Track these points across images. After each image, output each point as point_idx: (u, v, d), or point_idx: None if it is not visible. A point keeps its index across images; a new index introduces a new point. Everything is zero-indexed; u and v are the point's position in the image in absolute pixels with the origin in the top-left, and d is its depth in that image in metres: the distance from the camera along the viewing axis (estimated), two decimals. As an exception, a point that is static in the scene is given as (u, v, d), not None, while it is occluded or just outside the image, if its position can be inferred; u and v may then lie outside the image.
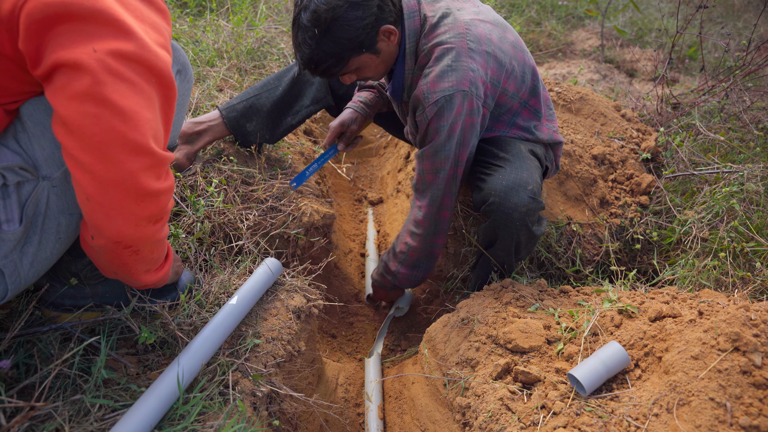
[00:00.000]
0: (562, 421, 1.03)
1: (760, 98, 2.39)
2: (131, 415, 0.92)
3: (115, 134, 0.75)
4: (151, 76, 0.79)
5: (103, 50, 0.73)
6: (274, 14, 3.33)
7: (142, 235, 0.85)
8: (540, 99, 1.60)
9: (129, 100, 0.76)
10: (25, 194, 0.89)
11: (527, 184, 1.45)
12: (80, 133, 0.74)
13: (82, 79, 0.72)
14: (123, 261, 0.90)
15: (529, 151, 1.56)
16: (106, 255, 0.89)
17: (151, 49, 0.78)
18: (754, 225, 1.62)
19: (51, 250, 0.96)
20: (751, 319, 1.03)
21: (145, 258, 0.92)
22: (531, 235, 1.53)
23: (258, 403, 1.12)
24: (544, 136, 1.61)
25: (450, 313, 1.48)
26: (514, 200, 1.44)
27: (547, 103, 1.65)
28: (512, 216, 1.45)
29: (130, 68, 0.76)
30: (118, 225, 0.80)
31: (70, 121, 0.74)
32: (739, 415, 0.91)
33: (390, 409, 1.59)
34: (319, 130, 2.56)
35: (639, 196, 1.95)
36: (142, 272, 0.96)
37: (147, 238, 0.87)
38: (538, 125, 1.61)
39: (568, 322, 1.28)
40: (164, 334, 1.18)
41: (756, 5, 4.74)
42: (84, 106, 0.73)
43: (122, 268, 0.92)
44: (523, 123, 1.60)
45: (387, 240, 2.36)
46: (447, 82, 1.36)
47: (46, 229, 0.94)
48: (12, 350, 1.03)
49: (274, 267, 1.40)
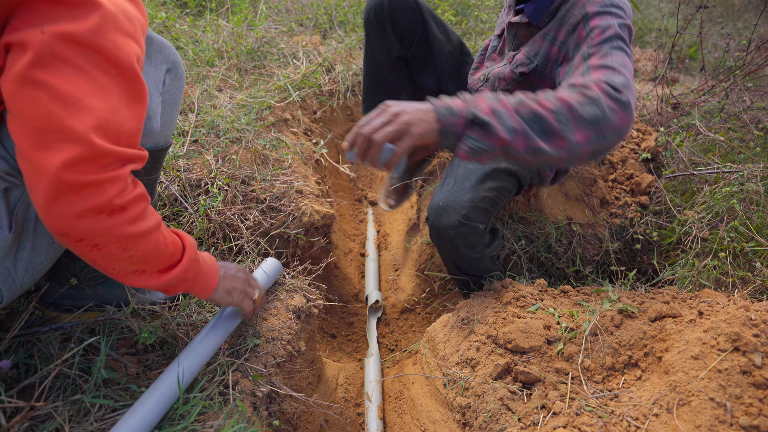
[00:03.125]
0: (562, 421, 1.03)
1: (760, 98, 2.39)
2: (131, 416, 0.91)
3: (51, 119, 0.69)
4: (108, 65, 0.74)
5: (52, 32, 0.69)
6: (274, 14, 3.33)
7: (93, 228, 0.76)
8: None
9: (71, 85, 0.70)
10: (14, 200, 0.86)
11: (461, 208, 1.38)
12: (19, 116, 0.70)
13: (23, 59, 0.68)
14: (91, 257, 0.81)
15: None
16: (74, 250, 0.80)
17: (109, 37, 0.73)
18: (754, 225, 1.62)
19: (45, 254, 0.94)
20: (751, 319, 1.03)
21: (117, 256, 0.81)
22: (466, 258, 1.49)
23: (258, 403, 1.12)
24: None
25: (450, 313, 1.48)
26: (443, 221, 1.39)
27: None
28: (441, 237, 1.42)
29: (79, 53, 0.71)
30: (54, 215, 0.73)
31: (10, 105, 0.70)
32: (739, 415, 0.91)
33: (390, 409, 1.59)
34: (319, 130, 2.56)
35: (639, 196, 1.95)
36: (129, 273, 0.86)
37: (103, 232, 0.77)
38: None
39: (568, 322, 1.28)
40: (164, 334, 1.18)
41: (756, 5, 4.74)
42: (23, 88, 0.69)
43: (99, 267, 0.84)
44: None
45: (387, 240, 2.36)
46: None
47: (39, 234, 0.92)
48: (12, 350, 1.03)
49: (274, 267, 1.40)
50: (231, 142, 1.87)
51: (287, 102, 2.37)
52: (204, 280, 1.00)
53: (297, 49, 2.79)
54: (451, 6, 3.19)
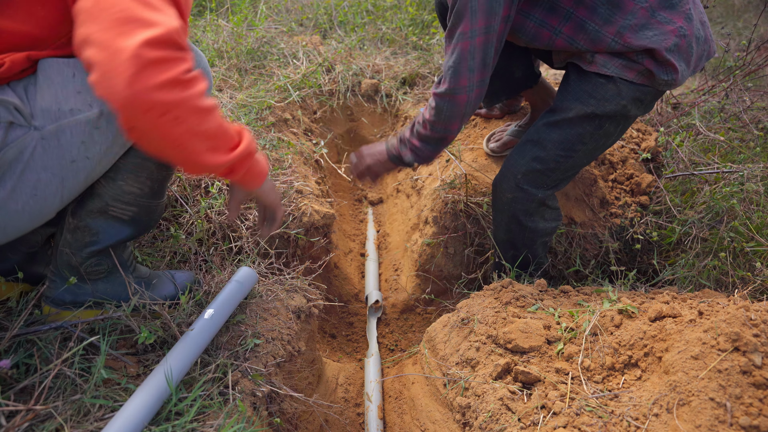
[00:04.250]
0: (562, 421, 1.03)
1: (760, 98, 2.39)
2: (118, 417, 0.91)
3: (131, 12, 0.80)
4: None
5: None
6: (274, 14, 3.34)
7: (173, 99, 0.81)
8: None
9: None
10: (12, 137, 0.89)
11: (517, 172, 1.45)
12: (100, 16, 0.79)
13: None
14: (172, 135, 0.84)
15: (585, 116, 1.38)
16: (152, 134, 0.84)
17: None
18: (754, 225, 1.62)
19: (23, 205, 0.94)
20: (751, 319, 1.03)
21: (194, 130, 0.86)
22: (522, 227, 1.53)
23: (258, 403, 1.12)
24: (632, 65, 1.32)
25: (450, 313, 1.48)
26: (503, 186, 1.49)
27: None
28: (499, 201, 1.51)
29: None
30: (138, 90, 0.79)
31: (91, 10, 0.80)
32: (739, 415, 0.91)
33: (390, 409, 1.58)
34: (319, 130, 2.56)
35: (639, 196, 1.95)
36: (204, 150, 0.89)
37: (181, 102, 0.82)
38: (624, 32, 1.28)
39: (568, 322, 1.28)
40: (164, 334, 1.18)
41: (756, 5, 4.74)
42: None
43: (178, 146, 0.86)
44: (590, 25, 1.30)
45: (387, 240, 2.36)
46: None
47: (24, 180, 0.92)
48: (12, 350, 1.03)
49: (249, 277, 1.36)
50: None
51: (287, 102, 2.37)
52: (259, 165, 1.05)
53: (297, 49, 2.79)
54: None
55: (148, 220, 1.19)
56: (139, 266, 1.27)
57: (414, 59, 2.88)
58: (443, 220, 1.89)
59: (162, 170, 1.12)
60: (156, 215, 1.20)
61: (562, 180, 1.52)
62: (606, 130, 1.42)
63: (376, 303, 1.95)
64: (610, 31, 1.29)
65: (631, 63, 1.31)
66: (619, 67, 1.32)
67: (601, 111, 1.37)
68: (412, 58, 2.90)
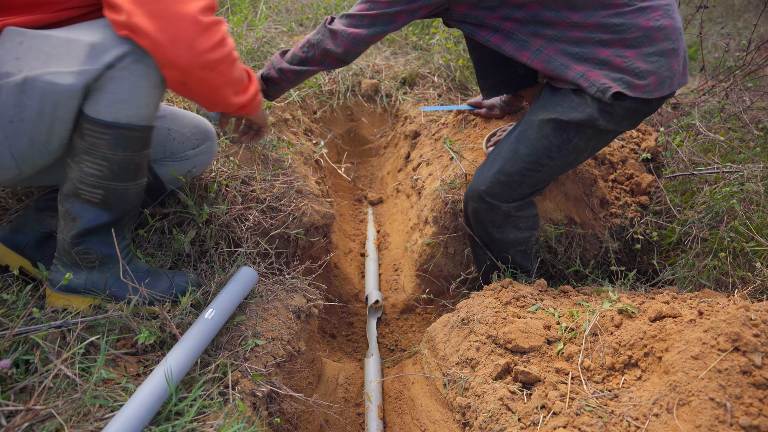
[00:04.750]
0: (562, 421, 1.03)
1: (760, 98, 2.39)
2: (118, 417, 0.91)
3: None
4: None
5: None
6: (274, 14, 3.33)
7: (221, 56, 1.03)
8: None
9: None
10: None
11: (482, 183, 1.48)
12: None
13: None
14: (214, 85, 1.07)
15: (550, 123, 1.41)
16: (198, 86, 1.07)
17: None
18: (754, 225, 1.62)
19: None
20: (751, 319, 1.03)
21: (230, 78, 1.09)
22: (491, 238, 1.56)
23: (258, 403, 1.12)
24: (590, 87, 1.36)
25: (450, 313, 1.48)
26: (468, 195, 1.54)
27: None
28: (467, 212, 1.56)
29: None
30: (198, 51, 1.00)
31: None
32: (739, 415, 0.91)
33: (390, 409, 1.59)
34: (319, 130, 2.56)
35: (639, 196, 1.95)
36: (232, 94, 1.14)
37: (224, 59, 1.05)
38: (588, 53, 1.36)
39: (568, 322, 1.28)
40: (163, 334, 1.18)
41: (756, 5, 4.74)
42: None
43: (216, 93, 1.10)
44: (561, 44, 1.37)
45: (387, 240, 2.36)
46: None
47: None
48: (12, 349, 1.03)
49: (250, 277, 1.38)
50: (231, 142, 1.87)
51: (287, 102, 2.37)
52: (260, 97, 1.29)
53: (297, 49, 2.79)
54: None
55: (122, 204, 1.18)
56: (137, 260, 1.28)
57: (414, 59, 2.88)
58: (443, 220, 1.89)
59: (116, 151, 1.10)
60: (129, 199, 1.19)
61: (531, 193, 1.53)
62: (575, 145, 1.43)
63: (376, 303, 1.95)
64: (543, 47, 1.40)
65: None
66: (582, 82, 1.36)
67: (567, 117, 1.38)
68: (412, 58, 2.90)
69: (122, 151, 1.10)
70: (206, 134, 1.45)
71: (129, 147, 1.11)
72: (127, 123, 1.07)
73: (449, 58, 2.73)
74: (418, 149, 2.39)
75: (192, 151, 1.43)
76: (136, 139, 1.11)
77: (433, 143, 2.29)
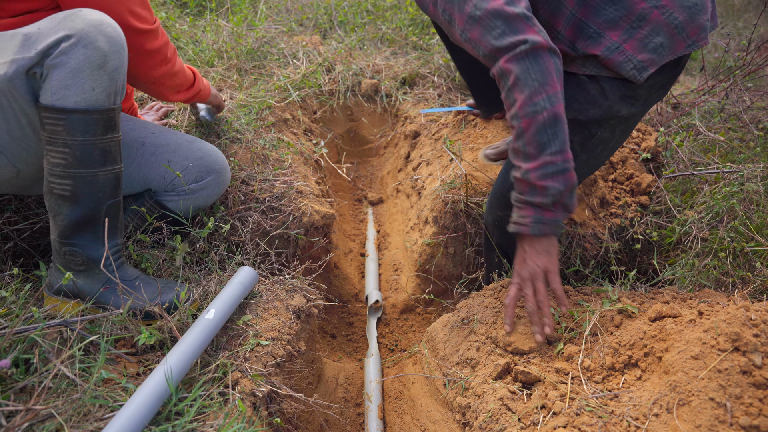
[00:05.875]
0: (562, 421, 1.03)
1: (760, 98, 2.39)
2: (118, 417, 0.91)
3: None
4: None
5: None
6: (274, 14, 3.33)
7: (168, 54, 1.35)
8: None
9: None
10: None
11: (507, 190, 1.32)
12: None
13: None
14: (166, 71, 1.37)
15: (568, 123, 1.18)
16: (160, 70, 1.35)
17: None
18: (754, 225, 1.62)
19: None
20: (751, 319, 1.03)
21: (173, 73, 1.40)
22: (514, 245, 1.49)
23: (258, 403, 1.12)
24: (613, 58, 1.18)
25: (450, 313, 1.48)
26: (493, 203, 1.49)
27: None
28: (489, 220, 1.52)
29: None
30: (154, 50, 1.30)
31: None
32: (739, 415, 0.91)
33: (390, 409, 1.59)
34: (319, 130, 2.56)
35: (639, 196, 1.95)
36: (175, 93, 1.47)
37: (171, 57, 1.37)
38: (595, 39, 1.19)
39: (568, 322, 1.28)
40: (161, 336, 1.18)
41: (756, 5, 4.74)
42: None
43: (167, 79, 1.39)
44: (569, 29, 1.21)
45: (387, 240, 2.36)
46: None
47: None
48: (12, 349, 1.03)
49: (250, 277, 1.38)
50: (231, 142, 1.87)
51: (287, 102, 2.37)
52: (206, 88, 1.62)
53: (297, 49, 2.79)
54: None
55: (93, 193, 1.16)
56: (127, 267, 1.27)
57: (414, 59, 2.88)
58: (443, 220, 1.89)
59: (75, 136, 1.11)
60: (99, 187, 1.17)
61: None
62: (600, 138, 1.30)
63: (376, 303, 1.95)
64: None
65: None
66: (597, 66, 1.22)
67: (585, 116, 1.26)
68: (412, 58, 2.90)
69: (81, 135, 1.11)
70: (210, 168, 1.43)
71: (87, 131, 1.11)
72: (74, 107, 1.09)
73: (449, 58, 2.73)
74: (418, 149, 2.39)
75: (196, 184, 1.42)
76: (92, 122, 1.12)
77: (433, 143, 2.29)
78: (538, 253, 1.18)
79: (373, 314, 1.96)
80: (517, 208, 1.20)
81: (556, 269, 1.20)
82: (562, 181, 1.13)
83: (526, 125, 1.10)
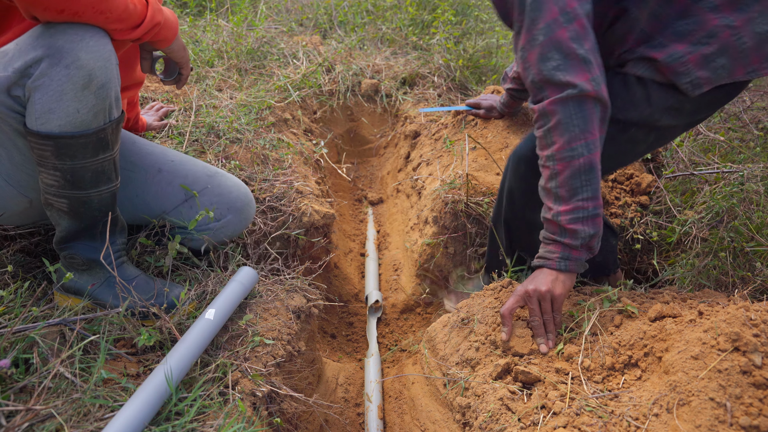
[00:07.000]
0: (562, 421, 1.03)
1: (760, 98, 2.39)
2: (117, 417, 0.91)
3: None
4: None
5: None
6: (274, 14, 3.34)
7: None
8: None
9: None
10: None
11: (529, 149, 1.30)
12: None
13: None
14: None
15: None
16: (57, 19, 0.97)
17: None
18: (754, 225, 1.62)
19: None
20: (751, 319, 1.03)
21: (95, 19, 0.99)
22: (521, 218, 1.44)
23: (258, 403, 1.12)
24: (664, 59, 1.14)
25: (450, 313, 1.48)
26: (518, 157, 1.38)
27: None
28: (506, 180, 1.45)
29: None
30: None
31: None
32: (739, 415, 0.91)
33: (390, 409, 1.59)
34: (319, 130, 2.56)
35: (639, 196, 1.95)
36: (114, 30, 1.04)
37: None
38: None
39: (568, 322, 1.28)
40: (160, 336, 1.18)
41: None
42: None
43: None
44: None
45: (387, 240, 2.36)
46: None
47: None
48: (11, 348, 1.03)
49: (250, 277, 1.38)
50: (231, 142, 1.87)
51: (287, 102, 2.37)
52: (168, 28, 1.15)
53: (297, 49, 2.79)
54: (451, 6, 3.19)
55: (90, 212, 1.16)
56: (128, 266, 1.28)
57: (414, 59, 2.88)
58: (443, 220, 1.89)
59: (64, 161, 1.06)
60: (95, 206, 1.16)
61: None
62: (632, 135, 1.26)
63: (376, 303, 1.95)
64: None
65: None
66: (650, 69, 1.18)
67: (623, 116, 1.22)
68: (412, 58, 2.90)
69: (70, 160, 1.06)
70: (230, 206, 1.38)
71: (76, 155, 1.06)
72: (60, 132, 1.02)
73: (449, 58, 2.73)
74: (418, 149, 2.39)
75: (215, 224, 1.38)
76: (80, 146, 1.05)
77: (433, 143, 2.29)
78: (554, 281, 1.21)
79: (373, 314, 1.96)
80: (545, 243, 1.23)
81: (563, 299, 1.23)
82: (592, 225, 1.16)
83: (562, 168, 1.13)
